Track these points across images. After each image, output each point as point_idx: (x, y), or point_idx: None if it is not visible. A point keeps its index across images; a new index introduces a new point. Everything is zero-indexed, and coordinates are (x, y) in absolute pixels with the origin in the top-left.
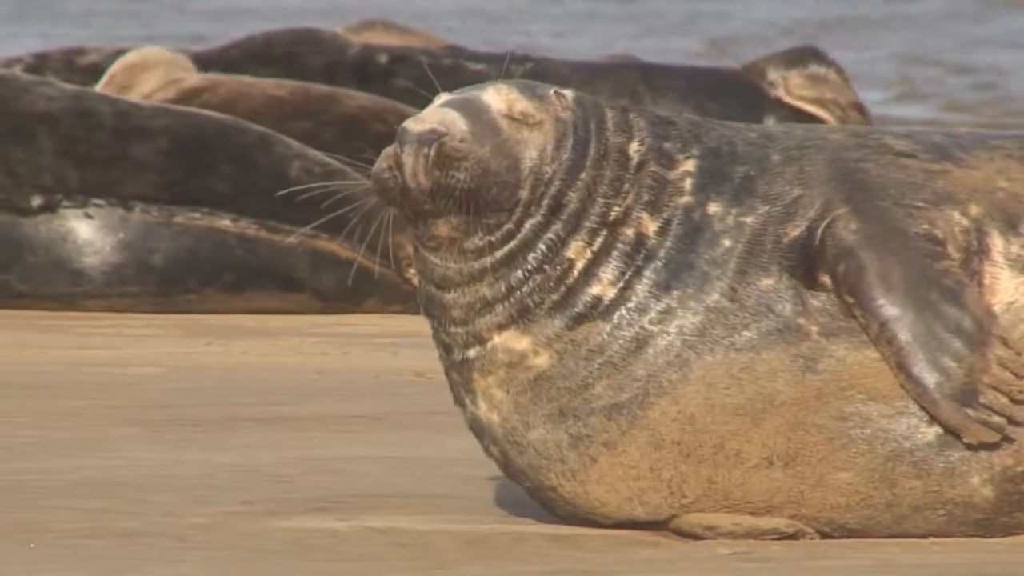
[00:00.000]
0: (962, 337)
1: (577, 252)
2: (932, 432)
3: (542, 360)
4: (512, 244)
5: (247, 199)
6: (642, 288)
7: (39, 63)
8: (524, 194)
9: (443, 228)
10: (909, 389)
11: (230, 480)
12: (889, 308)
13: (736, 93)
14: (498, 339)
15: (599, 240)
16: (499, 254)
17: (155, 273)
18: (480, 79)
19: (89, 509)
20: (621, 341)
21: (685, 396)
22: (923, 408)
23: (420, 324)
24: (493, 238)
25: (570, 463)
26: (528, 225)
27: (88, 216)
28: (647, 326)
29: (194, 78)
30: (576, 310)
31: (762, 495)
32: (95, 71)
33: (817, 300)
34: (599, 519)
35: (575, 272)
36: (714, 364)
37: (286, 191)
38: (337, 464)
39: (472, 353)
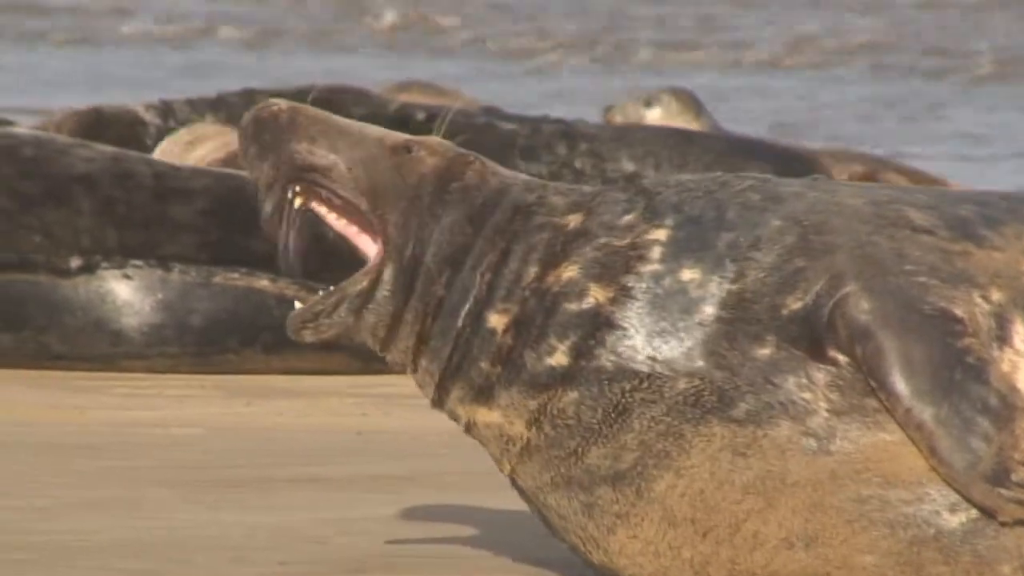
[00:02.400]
0: (989, 415)
1: (497, 322)
2: (956, 519)
3: (520, 430)
4: (407, 302)
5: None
6: (606, 355)
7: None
8: (376, 257)
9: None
10: (940, 472)
11: (267, 541)
12: (913, 392)
13: (774, 165)
14: (470, 416)
15: (521, 310)
16: (403, 317)
17: (194, 333)
18: (511, 137)
19: (127, 570)
20: (599, 410)
21: (689, 469)
22: (956, 490)
23: None
24: (368, 309)
25: (590, 531)
26: (407, 279)
27: (127, 277)
28: (623, 393)
29: (214, 132)
30: (530, 379)
31: None
32: None
33: (825, 375)
34: None
35: (503, 343)
36: (712, 436)
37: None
38: (374, 525)
39: (464, 428)
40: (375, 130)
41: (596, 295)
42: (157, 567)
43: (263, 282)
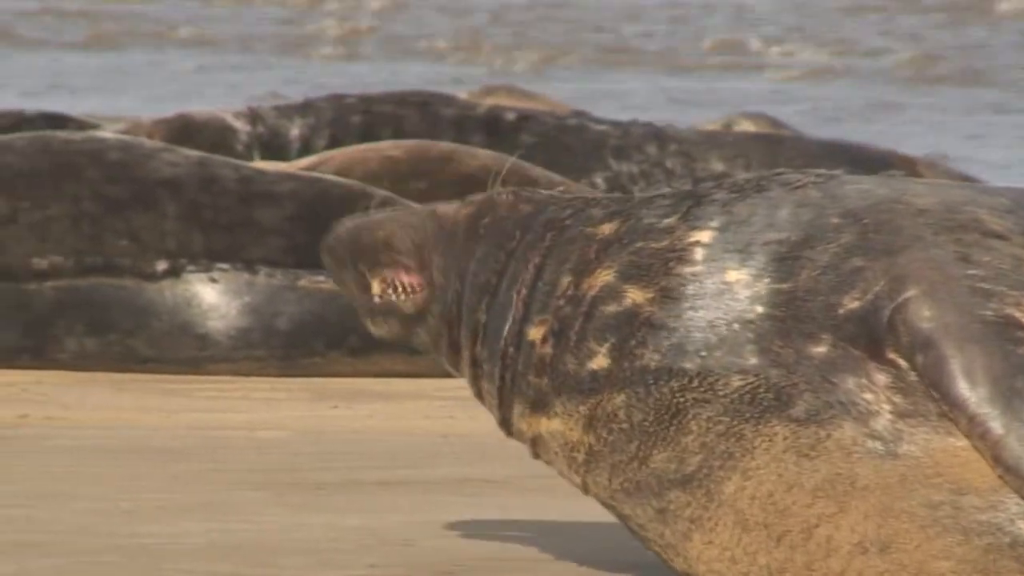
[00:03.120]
0: None
1: (536, 335)
2: None
3: (580, 435)
4: (459, 333)
5: None
6: (649, 355)
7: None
8: (423, 280)
9: (383, 332)
10: (1008, 481)
11: (355, 544)
12: (976, 402)
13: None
14: (534, 428)
15: (555, 318)
16: (447, 346)
17: (281, 337)
18: (602, 140)
19: (215, 573)
20: (650, 412)
21: (756, 471)
22: None
23: None
24: (436, 328)
25: (668, 538)
26: (454, 314)
27: (213, 280)
28: (673, 393)
29: (303, 161)
30: (576, 385)
31: None
32: None
33: (885, 376)
34: None
35: (544, 354)
36: (773, 436)
37: None
38: (462, 528)
39: (532, 450)
40: (404, 215)
41: (634, 296)
42: (244, 570)
43: None
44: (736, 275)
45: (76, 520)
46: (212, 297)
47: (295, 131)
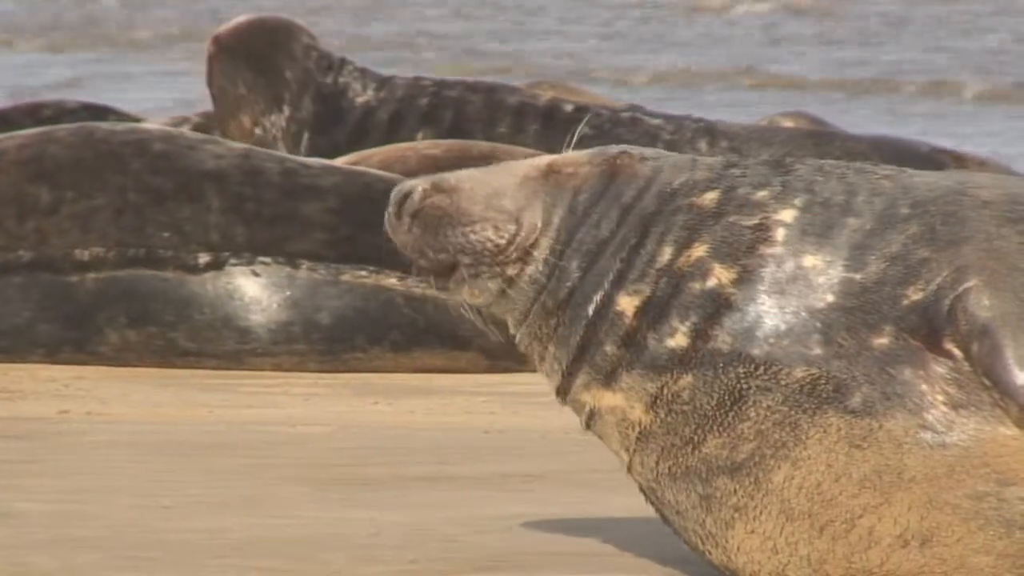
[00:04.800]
0: None
1: (626, 304)
2: None
3: (640, 414)
4: (540, 296)
5: None
6: (723, 337)
7: (206, 122)
8: (524, 245)
9: (469, 298)
10: None
11: (397, 539)
12: None
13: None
14: (595, 401)
15: (651, 291)
16: (532, 309)
17: (322, 331)
18: (657, 133)
19: (256, 568)
20: (714, 396)
21: (806, 461)
22: None
23: None
24: (514, 291)
25: (708, 527)
26: (547, 276)
27: (255, 274)
28: (739, 378)
29: (345, 158)
30: (651, 361)
31: None
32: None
33: (942, 367)
34: None
35: (629, 324)
36: (828, 427)
37: None
38: (504, 523)
39: (584, 420)
40: (517, 165)
41: (719, 275)
42: (285, 565)
43: (391, 280)
44: (813, 260)
45: (117, 515)
46: (254, 290)
47: (361, 98)
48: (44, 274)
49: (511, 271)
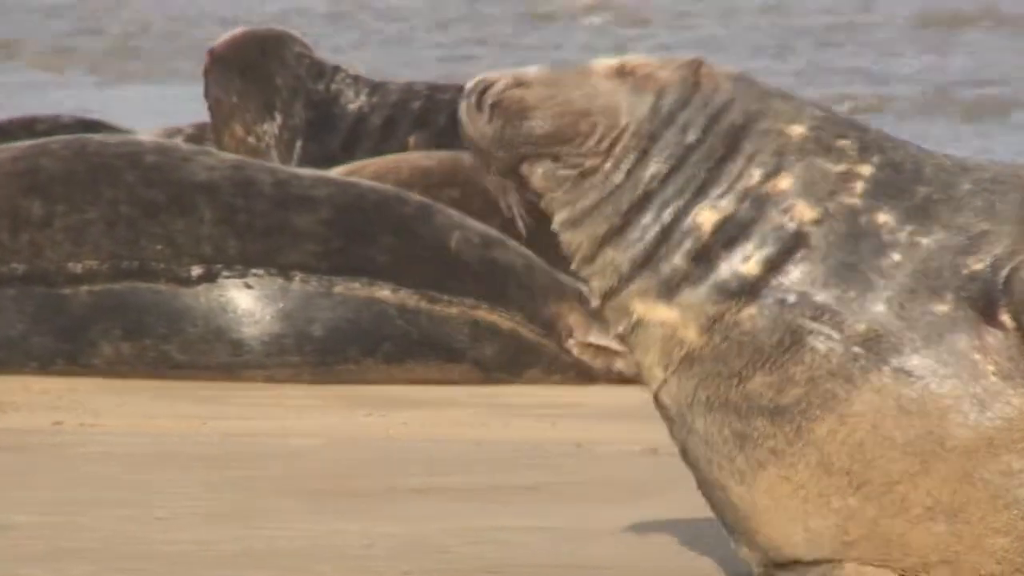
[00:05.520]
0: None
1: (706, 218)
2: None
3: (692, 335)
4: (616, 195)
5: (407, 269)
6: (796, 275)
7: (199, 134)
8: (606, 141)
9: (537, 180)
10: None
11: (390, 550)
12: None
13: None
14: (646, 312)
15: (733, 210)
16: (599, 207)
17: (315, 343)
18: None
19: None
20: (774, 332)
21: (852, 417)
22: None
23: (580, 395)
24: (587, 184)
25: (738, 463)
26: (624, 174)
27: (248, 286)
28: (803, 320)
29: (338, 169)
30: (717, 284)
31: (920, 550)
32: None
33: (995, 338)
34: (760, 543)
35: (704, 240)
36: (881, 387)
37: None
38: (496, 534)
39: (624, 329)
40: (589, 67)
41: (802, 212)
42: None
43: (384, 292)
44: (885, 218)
45: (111, 527)
46: (247, 303)
47: (353, 104)
48: (38, 287)
49: (590, 162)
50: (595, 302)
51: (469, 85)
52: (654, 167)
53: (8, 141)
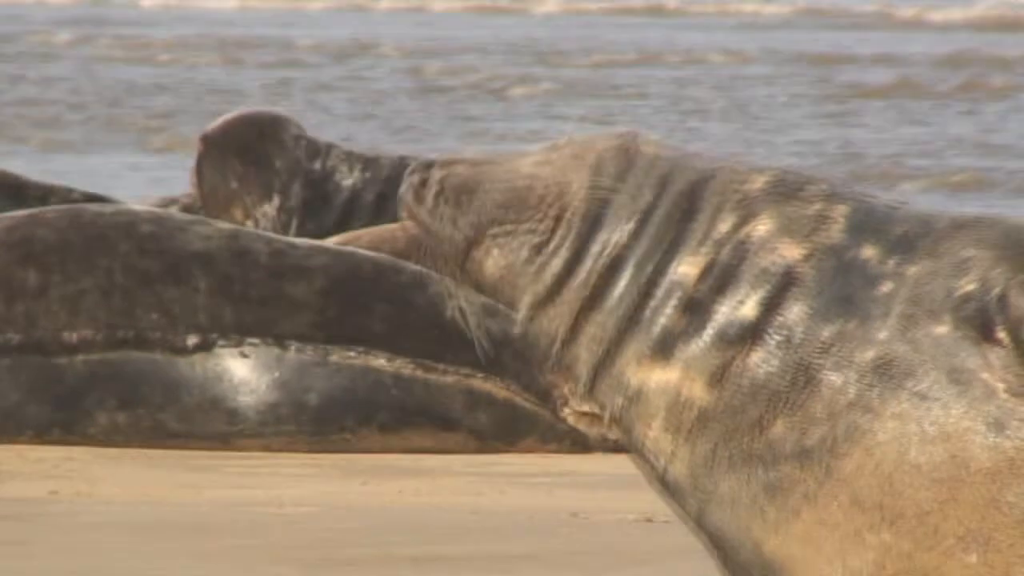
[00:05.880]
0: None
1: (689, 269)
2: None
3: (700, 391)
4: (582, 263)
5: (402, 338)
6: (795, 312)
7: (195, 203)
8: (555, 208)
9: (492, 266)
10: None
11: None
12: None
13: None
14: (643, 379)
15: (715, 256)
16: (565, 280)
17: (310, 412)
18: None
19: None
20: (786, 373)
21: (879, 448)
22: None
23: (576, 463)
24: (545, 257)
25: (770, 516)
26: (584, 241)
27: (243, 355)
28: (813, 356)
29: (334, 239)
30: (717, 332)
31: None
32: None
33: (997, 356)
34: None
35: (692, 290)
36: (901, 412)
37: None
38: None
39: (621, 404)
40: (518, 152)
41: (789, 251)
42: None
43: (380, 361)
44: (871, 251)
45: None
46: (242, 372)
47: (347, 180)
48: (33, 356)
49: (544, 232)
50: (583, 385)
51: (404, 185)
52: (616, 231)
53: (24, 203)
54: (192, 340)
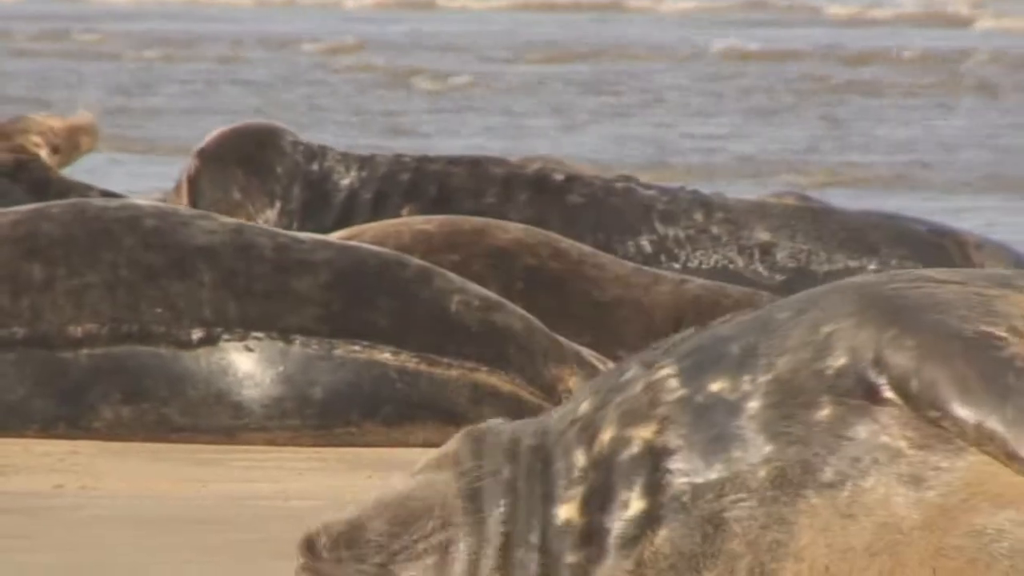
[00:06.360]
0: None
1: (568, 510)
2: None
3: None
4: (480, 552)
5: (407, 332)
6: (677, 478)
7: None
8: (438, 511)
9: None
10: None
11: None
12: (974, 408)
13: (915, 244)
14: None
15: (584, 487)
16: (477, 570)
17: (315, 406)
18: (651, 204)
19: None
20: (694, 532)
21: (806, 550)
22: None
23: None
24: (444, 562)
25: None
26: (475, 533)
27: (248, 349)
28: (711, 505)
29: (338, 233)
30: (619, 540)
31: None
32: None
33: (889, 416)
34: None
35: (580, 524)
36: (812, 509)
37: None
38: None
39: None
40: (382, 487)
41: (642, 435)
42: None
43: (385, 355)
44: (718, 385)
45: None
46: (247, 366)
47: (344, 180)
48: (38, 351)
49: (436, 538)
50: None
51: (298, 551)
52: (497, 512)
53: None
54: (197, 334)
